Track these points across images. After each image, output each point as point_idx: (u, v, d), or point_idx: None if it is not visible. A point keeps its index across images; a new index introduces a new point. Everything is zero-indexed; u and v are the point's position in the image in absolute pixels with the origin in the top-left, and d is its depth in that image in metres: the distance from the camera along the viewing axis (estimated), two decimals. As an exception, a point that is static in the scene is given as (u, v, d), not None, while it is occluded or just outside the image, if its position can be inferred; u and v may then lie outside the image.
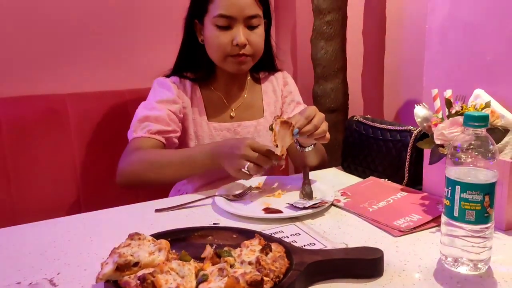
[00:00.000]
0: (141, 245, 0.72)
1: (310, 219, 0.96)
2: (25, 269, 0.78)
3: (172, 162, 1.15)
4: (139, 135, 1.21)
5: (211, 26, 1.23)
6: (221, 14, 1.20)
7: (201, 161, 1.12)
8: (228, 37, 1.21)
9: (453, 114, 0.91)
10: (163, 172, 1.14)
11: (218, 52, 1.24)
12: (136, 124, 1.23)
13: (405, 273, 0.73)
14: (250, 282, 0.61)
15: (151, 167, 1.14)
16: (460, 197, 0.70)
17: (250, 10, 1.21)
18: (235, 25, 1.21)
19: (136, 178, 1.16)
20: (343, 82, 1.92)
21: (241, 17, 1.20)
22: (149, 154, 1.17)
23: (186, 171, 1.16)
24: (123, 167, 1.19)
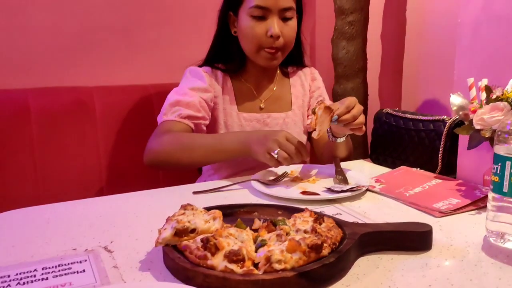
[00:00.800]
0: (195, 214, 0.74)
1: (348, 201, 0.98)
2: (78, 238, 0.80)
3: (202, 145, 1.16)
4: (169, 118, 1.23)
5: (246, 16, 1.25)
6: (257, 5, 1.22)
7: (231, 146, 1.14)
8: (263, 28, 1.24)
9: (493, 99, 0.93)
10: (193, 154, 1.16)
11: (252, 42, 1.26)
12: (167, 107, 1.26)
13: (453, 247, 0.75)
14: (311, 246, 0.63)
15: (181, 148, 1.16)
16: (511, 172, 0.72)
17: (285, 2, 1.24)
18: (269, 16, 1.24)
19: (166, 157, 1.18)
20: (363, 81, 1.95)
21: (276, 8, 1.23)
22: (180, 136, 1.19)
23: (215, 155, 1.18)
24: (153, 146, 1.21)
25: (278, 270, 0.60)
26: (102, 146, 1.59)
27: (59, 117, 1.51)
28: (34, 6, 1.57)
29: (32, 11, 1.57)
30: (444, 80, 1.77)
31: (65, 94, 1.56)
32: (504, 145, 0.74)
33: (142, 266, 0.69)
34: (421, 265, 0.69)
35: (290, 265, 0.61)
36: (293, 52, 1.36)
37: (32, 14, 1.57)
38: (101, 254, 0.73)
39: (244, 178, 1.12)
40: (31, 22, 1.57)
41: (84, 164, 1.54)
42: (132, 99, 1.65)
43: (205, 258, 0.63)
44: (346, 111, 1.06)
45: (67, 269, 0.68)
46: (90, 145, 1.56)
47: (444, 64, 1.77)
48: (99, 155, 1.58)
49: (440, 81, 1.82)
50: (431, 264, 0.69)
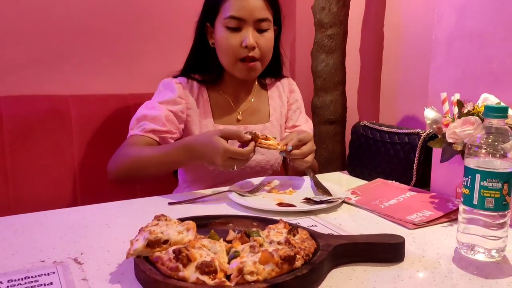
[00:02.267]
0: (168, 225, 0.73)
1: (323, 213, 0.98)
2: (47, 249, 0.78)
3: (151, 158, 1.16)
4: (135, 132, 1.24)
5: (221, 27, 1.25)
6: (231, 16, 1.22)
7: (177, 157, 1.13)
8: (238, 39, 1.24)
9: (465, 113, 0.95)
10: (146, 168, 1.17)
11: (228, 54, 1.26)
12: (133, 122, 1.26)
13: (425, 259, 0.75)
14: (284, 257, 0.62)
15: (134, 163, 1.17)
16: (480, 185, 0.73)
17: (260, 13, 1.24)
18: (244, 27, 1.24)
19: (122, 173, 1.19)
20: (342, 94, 1.97)
21: (251, 19, 1.23)
22: (133, 150, 1.19)
23: (165, 167, 1.18)
24: (110, 163, 1.22)
25: (250, 282, 0.60)
26: (77, 156, 1.56)
27: (33, 126, 1.48)
28: (9, 13, 1.55)
29: (7, 18, 1.55)
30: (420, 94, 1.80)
31: (39, 103, 1.53)
32: (474, 158, 0.75)
33: (113, 279, 0.68)
34: (393, 277, 0.69)
35: (262, 277, 0.60)
36: (271, 63, 1.36)
37: (7, 21, 1.55)
38: (70, 266, 0.72)
39: (221, 189, 1.11)
40: (5, 29, 1.55)
41: (58, 174, 1.52)
42: (109, 108, 1.63)
43: (177, 269, 0.62)
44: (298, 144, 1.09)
45: (34, 282, 0.67)
46: (65, 155, 1.53)
47: (421, 78, 1.81)
48: (74, 165, 1.55)
49: (417, 95, 1.85)
50: (403, 275, 0.70)
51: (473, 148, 0.75)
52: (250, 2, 1.23)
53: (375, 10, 2.05)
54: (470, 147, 0.75)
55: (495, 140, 0.73)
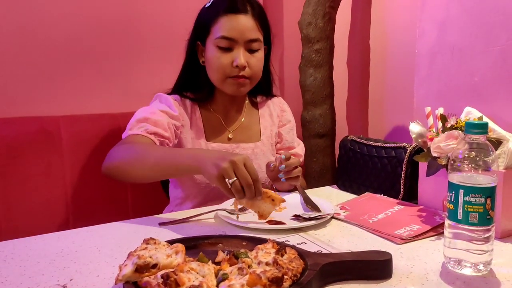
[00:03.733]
0: (157, 249, 0.73)
1: (313, 230, 0.99)
2: (36, 276, 0.78)
3: (154, 156, 1.10)
4: (135, 132, 1.20)
5: (212, 47, 1.26)
6: (223, 36, 1.24)
7: (183, 161, 1.05)
8: (229, 59, 1.25)
9: (448, 128, 0.96)
10: (144, 166, 1.11)
11: (218, 73, 1.27)
12: (133, 123, 1.23)
13: (412, 275, 0.76)
14: (271, 279, 0.63)
15: (135, 158, 1.13)
16: (464, 200, 0.74)
17: (251, 34, 1.25)
18: (235, 47, 1.25)
19: (119, 166, 1.15)
20: (331, 108, 1.99)
21: (242, 40, 1.24)
22: (136, 145, 1.16)
23: (166, 169, 1.11)
24: (110, 154, 1.19)
25: (239, 305, 0.60)
26: (68, 177, 1.56)
27: (23, 147, 1.48)
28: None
29: (-5, 40, 1.56)
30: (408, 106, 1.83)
31: (29, 124, 1.53)
32: (457, 173, 0.76)
33: (102, 305, 0.68)
34: (382, 294, 0.70)
35: (250, 300, 0.61)
36: (262, 82, 1.38)
37: (-5, 42, 1.56)
38: (59, 293, 0.72)
39: (211, 208, 1.12)
40: (-6, 51, 1.56)
41: (49, 196, 1.51)
42: (100, 128, 1.63)
43: (165, 294, 0.62)
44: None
45: (23, 310, 0.66)
46: (56, 177, 1.53)
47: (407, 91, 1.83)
48: (66, 186, 1.55)
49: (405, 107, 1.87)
50: (391, 292, 0.70)
51: (456, 163, 0.76)
52: (241, 23, 1.24)
53: (360, 24, 2.08)
54: (453, 162, 0.77)
55: (477, 155, 0.75)
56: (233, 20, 1.24)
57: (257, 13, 1.27)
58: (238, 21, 1.24)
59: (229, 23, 1.24)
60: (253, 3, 1.29)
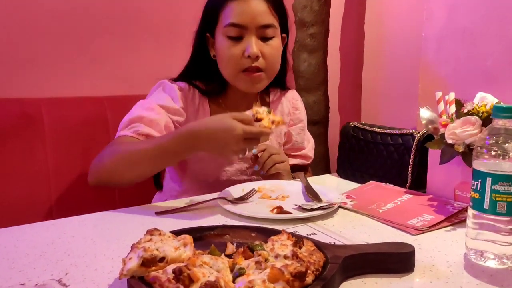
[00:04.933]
0: (163, 240, 0.67)
1: (320, 220, 0.94)
2: (27, 270, 0.70)
3: (145, 151, 1.02)
4: (125, 133, 1.10)
5: (222, 37, 1.16)
6: (232, 23, 1.13)
7: (175, 148, 0.99)
8: (239, 49, 1.14)
9: (464, 113, 0.92)
10: (135, 166, 1.03)
11: (230, 65, 1.16)
12: (126, 122, 1.12)
13: (435, 268, 0.72)
14: (295, 274, 0.57)
15: (122, 161, 1.03)
16: (492, 189, 0.70)
17: (263, 19, 1.14)
18: (246, 35, 1.14)
19: (108, 175, 1.05)
20: (325, 94, 1.94)
21: (253, 26, 1.13)
22: (118, 147, 1.06)
23: (160, 161, 1.04)
24: (93, 163, 1.09)
25: (260, 303, 0.55)
26: (51, 164, 1.47)
27: (2, 131, 1.39)
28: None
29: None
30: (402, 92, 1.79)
31: (8, 107, 1.44)
32: (483, 161, 0.72)
33: (104, 302, 0.61)
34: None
35: (273, 297, 0.55)
36: (278, 74, 1.24)
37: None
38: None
39: (210, 196, 1.05)
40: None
41: (31, 184, 1.42)
42: (85, 112, 1.54)
43: (178, 291, 0.56)
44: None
45: (15, 309, 0.59)
46: (37, 163, 1.44)
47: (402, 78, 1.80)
48: (48, 174, 1.46)
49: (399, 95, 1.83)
50: (417, 287, 0.66)
51: (482, 150, 0.72)
52: (252, 6, 1.13)
53: (355, 8, 2.03)
54: (479, 149, 0.72)
55: (505, 141, 0.70)
56: (242, 5, 1.13)
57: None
58: (248, 5, 1.13)
59: (238, 8, 1.13)
60: None
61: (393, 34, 1.84)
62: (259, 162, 1.18)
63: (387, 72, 1.90)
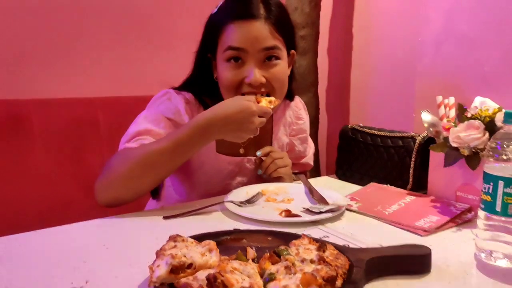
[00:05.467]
0: (188, 247, 0.67)
1: (329, 222, 0.95)
2: (45, 278, 0.69)
3: (163, 149, 0.97)
4: (130, 145, 1.04)
5: (221, 61, 1.09)
6: (230, 47, 1.06)
7: (194, 140, 0.97)
8: (240, 74, 1.07)
9: (468, 118, 0.95)
10: (156, 165, 0.97)
11: (230, 92, 1.09)
12: (133, 134, 1.06)
13: (450, 268, 0.74)
14: (326, 278, 0.58)
15: (140, 163, 0.96)
16: (504, 192, 0.73)
17: (266, 42, 1.06)
18: (248, 59, 1.06)
19: (122, 183, 0.97)
20: (315, 96, 1.96)
21: (255, 50, 1.05)
22: (132, 152, 0.99)
23: (180, 157, 0.99)
24: (101, 179, 0.99)
25: (296, 308, 0.55)
26: (41, 166, 1.44)
27: (-10, 133, 1.35)
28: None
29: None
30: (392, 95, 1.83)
31: (-3, 108, 1.40)
32: (495, 165, 0.75)
33: (133, 310, 0.61)
34: (428, 290, 0.67)
35: (308, 302, 0.56)
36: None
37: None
38: (79, 298, 0.64)
39: (216, 200, 1.05)
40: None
41: (19, 188, 1.39)
42: (75, 113, 1.52)
43: (212, 298, 0.56)
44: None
45: (42, 320, 0.58)
46: (27, 166, 1.41)
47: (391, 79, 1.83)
48: (37, 176, 1.43)
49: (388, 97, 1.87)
50: (438, 287, 0.68)
51: (494, 155, 0.75)
52: (252, 30, 1.05)
53: (343, 12, 2.06)
54: (490, 153, 0.75)
55: (516, 146, 0.73)
56: (242, 28, 1.05)
57: (274, 15, 1.07)
58: (248, 29, 1.05)
59: (238, 31, 1.05)
60: (269, 3, 1.09)
61: (381, 37, 1.88)
62: (262, 166, 1.18)
63: (376, 74, 1.93)
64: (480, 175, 0.78)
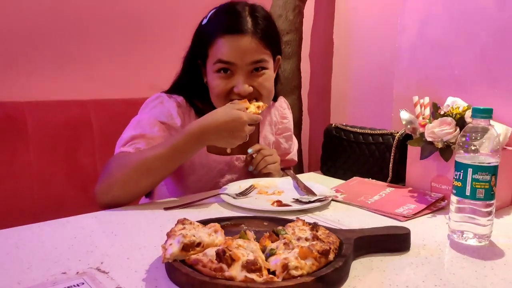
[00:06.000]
0: (196, 228, 0.74)
1: (317, 211, 1.04)
2: (62, 261, 0.75)
3: (156, 157, 1.03)
4: (126, 149, 1.10)
5: (211, 72, 1.16)
6: (220, 60, 1.12)
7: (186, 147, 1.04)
8: (229, 84, 1.14)
9: (441, 115, 1.05)
10: (151, 172, 1.04)
11: (220, 99, 1.16)
12: (127, 138, 1.12)
13: (427, 247, 0.83)
14: (321, 251, 0.67)
15: (136, 171, 1.03)
16: (472, 178, 0.82)
17: (254, 56, 1.12)
18: (237, 71, 1.13)
19: (120, 187, 1.03)
20: (299, 98, 2.06)
21: (243, 63, 1.12)
22: (128, 158, 1.06)
23: (174, 164, 1.06)
24: (100, 183, 1.06)
25: (296, 276, 0.63)
26: (35, 167, 1.48)
27: (-15, 135, 1.39)
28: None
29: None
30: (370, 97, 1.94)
31: (-8, 110, 1.44)
32: (465, 155, 0.85)
33: (148, 284, 0.68)
34: (408, 264, 0.76)
35: (306, 271, 0.64)
36: None
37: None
38: (97, 276, 0.70)
39: (212, 193, 1.13)
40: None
41: (14, 187, 1.43)
42: (68, 115, 1.57)
43: (221, 270, 0.64)
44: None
45: (67, 293, 0.65)
46: (21, 166, 1.45)
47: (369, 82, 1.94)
48: (32, 176, 1.47)
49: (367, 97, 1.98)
50: (416, 262, 0.77)
51: (464, 146, 0.84)
52: (242, 45, 1.11)
53: (324, 19, 2.16)
54: (461, 145, 0.85)
55: (482, 137, 0.83)
56: (231, 42, 1.11)
57: (261, 30, 1.13)
58: (237, 44, 1.11)
59: (227, 45, 1.11)
60: (257, 17, 1.14)
61: (361, 43, 1.99)
62: (253, 163, 1.27)
63: (356, 77, 2.04)
64: (452, 167, 0.87)
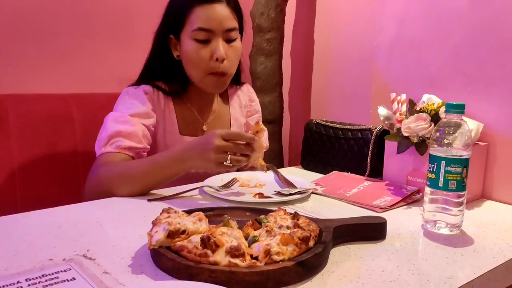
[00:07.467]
0: (180, 217, 0.76)
1: (297, 203, 1.07)
2: (48, 249, 0.76)
3: (140, 172, 1.09)
4: (108, 150, 1.15)
5: (189, 40, 1.21)
6: (200, 28, 1.18)
7: (169, 167, 1.08)
8: (208, 52, 1.20)
9: (418, 111, 1.10)
10: (133, 184, 1.08)
11: (199, 68, 1.22)
12: (105, 139, 1.16)
13: (402, 236, 0.87)
14: (302, 238, 0.70)
15: (120, 180, 1.08)
16: (445, 170, 0.87)
17: (228, 23, 1.21)
18: (214, 38, 1.20)
19: (105, 190, 1.08)
20: (279, 95, 2.09)
21: (220, 30, 1.20)
22: (116, 167, 1.11)
23: (157, 179, 1.09)
24: (90, 185, 1.12)
25: (278, 261, 0.66)
26: (16, 161, 1.48)
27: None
28: None
29: None
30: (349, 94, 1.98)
31: (-28, 103, 1.43)
32: (438, 148, 0.89)
33: (134, 270, 0.70)
34: (384, 251, 0.80)
35: (287, 256, 0.67)
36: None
37: None
38: (84, 262, 0.72)
39: (195, 185, 1.15)
40: None
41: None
42: (50, 109, 1.56)
43: (206, 255, 0.66)
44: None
45: (55, 279, 0.66)
46: (1, 160, 1.44)
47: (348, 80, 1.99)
48: (13, 171, 1.47)
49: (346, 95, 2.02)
50: (391, 250, 0.81)
51: (438, 140, 0.89)
52: (218, 12, 1.20)
53: (305, 17, 2.20)
54: (435, 138, 0.89)
55: (454, 131, 0.88)
56: (209, 10, 1.19)
57: (232, 0, 1.24)
58: (214, 11, 1.19)
59: (206, 13, 1.19)
60: None
61: (341, 42, 2.03)
62: None
63: (335, 75, 2.08)
64: (427, 161, 0.91)
